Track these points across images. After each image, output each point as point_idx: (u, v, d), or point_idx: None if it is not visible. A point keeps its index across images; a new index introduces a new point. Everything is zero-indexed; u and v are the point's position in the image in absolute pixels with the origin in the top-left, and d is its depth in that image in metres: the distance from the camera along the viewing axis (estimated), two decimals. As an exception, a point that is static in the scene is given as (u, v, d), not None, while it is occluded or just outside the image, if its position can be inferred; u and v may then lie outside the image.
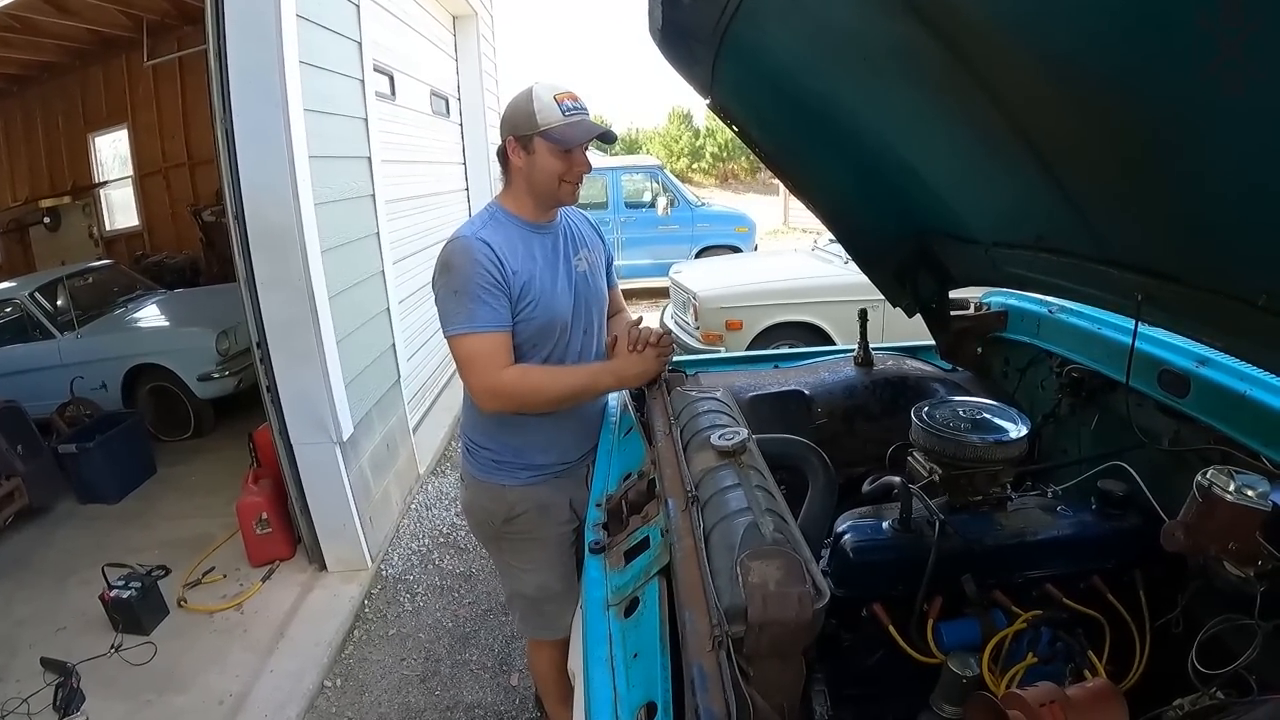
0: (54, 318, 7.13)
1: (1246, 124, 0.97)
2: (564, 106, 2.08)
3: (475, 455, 2.42)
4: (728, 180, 28.20)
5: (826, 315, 6.50)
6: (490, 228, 2.16)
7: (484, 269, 2.06)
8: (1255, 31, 0.79)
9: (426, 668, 3.72)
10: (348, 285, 4.43)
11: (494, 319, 2.08)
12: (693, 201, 12.98)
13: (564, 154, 2.12)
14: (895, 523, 1.70)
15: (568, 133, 2.08)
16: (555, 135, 2.08)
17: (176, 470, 6.42)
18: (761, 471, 1.61)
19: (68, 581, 4.69)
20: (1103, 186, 1.47)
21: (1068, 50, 1.10)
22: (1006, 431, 1.82)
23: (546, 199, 2.23)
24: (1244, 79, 0.88)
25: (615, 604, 1.54)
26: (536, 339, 2.22)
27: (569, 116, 2.08)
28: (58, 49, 10.53)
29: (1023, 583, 1.71)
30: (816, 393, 2.58)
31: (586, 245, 2.41)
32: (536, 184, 2.18)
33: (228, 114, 3.66)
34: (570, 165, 2.15)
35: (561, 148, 2.10)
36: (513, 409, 2.21)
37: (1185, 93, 1.00)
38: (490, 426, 2.36)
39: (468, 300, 2.05)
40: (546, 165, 2.13)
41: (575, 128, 2.09)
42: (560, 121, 2.08)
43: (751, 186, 26.71)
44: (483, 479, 2.41)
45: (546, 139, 2.09)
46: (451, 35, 8.01)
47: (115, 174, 12.35)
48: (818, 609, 1.16)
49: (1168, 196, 1.32)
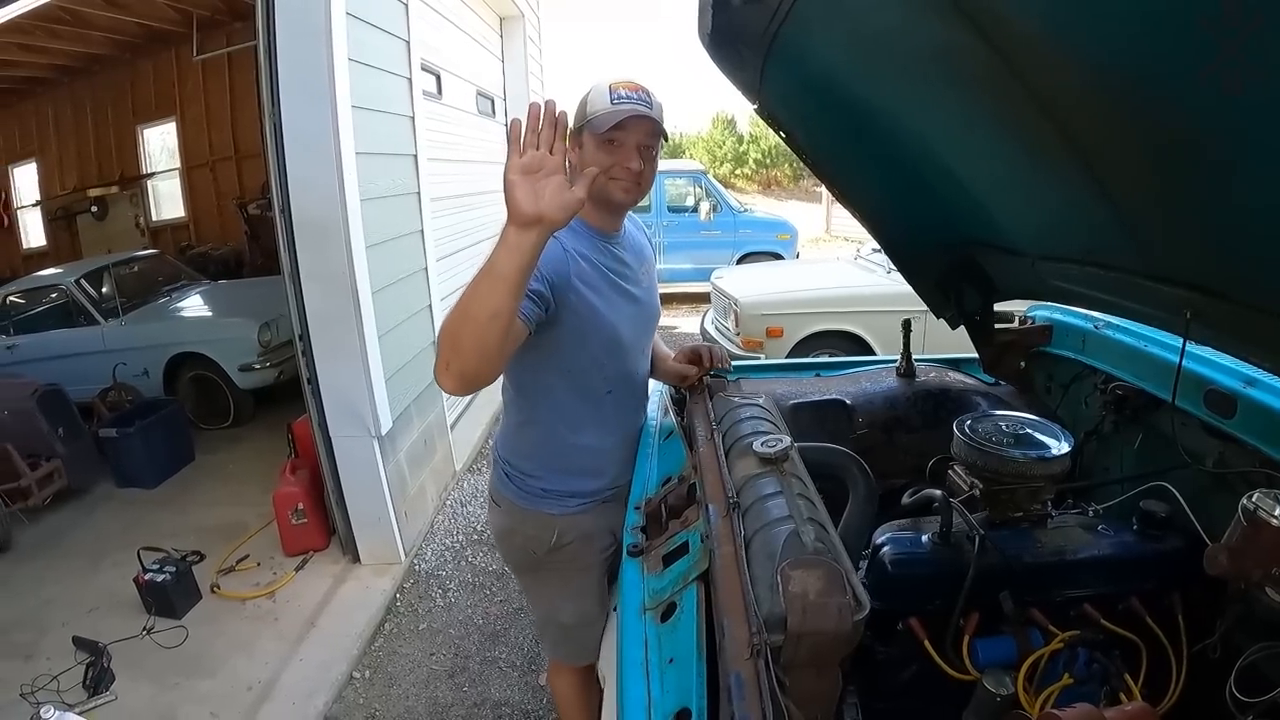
0: (99, 304, 7.26)
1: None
2: (615, 95, 1.87)
3: (519, 483, 2.21)
4: (770, 187, 28.03)
5: (867, 325, 6.46)
6: (567, 233, 1.85)
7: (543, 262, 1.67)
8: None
9: (455, 663, 3.74)
10: (391, 281, 4.47)
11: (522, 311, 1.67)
12: (735, 207, 12.93)
13: (608, 145, 1.89)
14: (935, 536, 1.69)
15: (605, 116, 1.86)
16: (596, 123, 1.87)
17: (215, 458, 6.51)
18: (803, 480, 1.61)
19: (102, 563, 4.78)
20: (1153, 199, 1.45)
21: (1119, 60, 1.09)
22: (1049, 448, 1.81)
23: (599, 199, 1.95)
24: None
25: (652, 608, 1.53)
26: (596, 354, 2.02)
27: (616, 105, 1.86)
28: (106, 41, 10.71)
29: (1061, 602, 1.69)
30: (858, 402, 2.56)
31: (647, 258, 2.25)
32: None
33: (276, 109, 3.70)
34: (614, 158, 1.90)
35: (604, 137, 1.88)
36: (453, 368, 1.62)
37: (1240, 105, 0.99)
38: (539, 453, 2.18)
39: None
40: (591, 160, 1.88)
41: (613, 111, 1.86)
42: (605, 109, 1.86)
43: (794, 193, 26.56)
44: (528, 508, 2.20)
45: (590, 129, 1.89)
46: (498, 36, 8.06)
47: (163, 166, 12.54)
48: (857, 620, 1.15)
49: (1219, 211, 1.30)
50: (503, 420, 2.31)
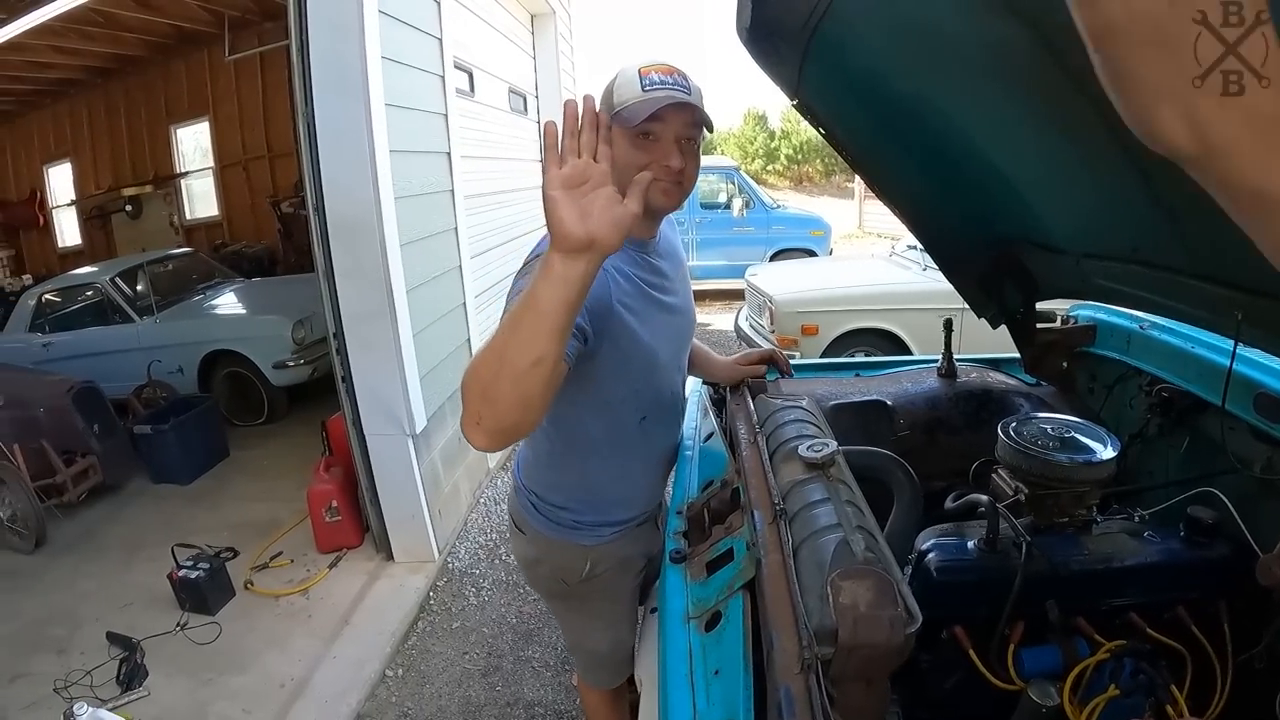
0: (134, 302, 7.36)
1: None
2: (647, 80, 1.62)
3: (548, 515, 2.03)
4: (802, 183, 27.95)
5: (904, 322, 6.40)
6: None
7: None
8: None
9: (489, 662, 3.74)
10: (425, 279, 4.48)
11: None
12: (768, 204, 12.85)
13: (642, 140, 1.64)
14: (981, 543, 1.65)
15: (638, 106, 1.60)
16: (627, 114, 1.61)
17: (249, 454, 6.58)
18: (850, 485, 1.58)
19: (136, 558, 4.84)
20: (1205, 198, 1.40)
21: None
22: (1095, 452, 1.76)
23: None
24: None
25: (696, 617, 1.51)
26: (633, 376, 1.82)
27: (649, 91, 1.61)
28: (139, 43, 10.84)
29: (1106, 610, 1.66)
30: (899, 403, 2.53)
31: (682, 261, 2.04)
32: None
33: (309, 108, 3.71)
34: (651, 155, 1.64)
35: (637, 131, 1.63)
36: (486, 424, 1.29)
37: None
38: (568, 485, 2.00)
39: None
40: (624, 157, 1.60)
41: (649, 103, 1.60)
42: (637, 98, 1.61)
43: (826, 189, 26.47)
44: (558, 538, 2.02)
45: (619, 122, 1.62)
46: (530, 34, 8.05)
47: (196, 165, 12.67)
48: (909, 634, 1.13)
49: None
50: (524, 444, 2.09)
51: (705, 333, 10.10)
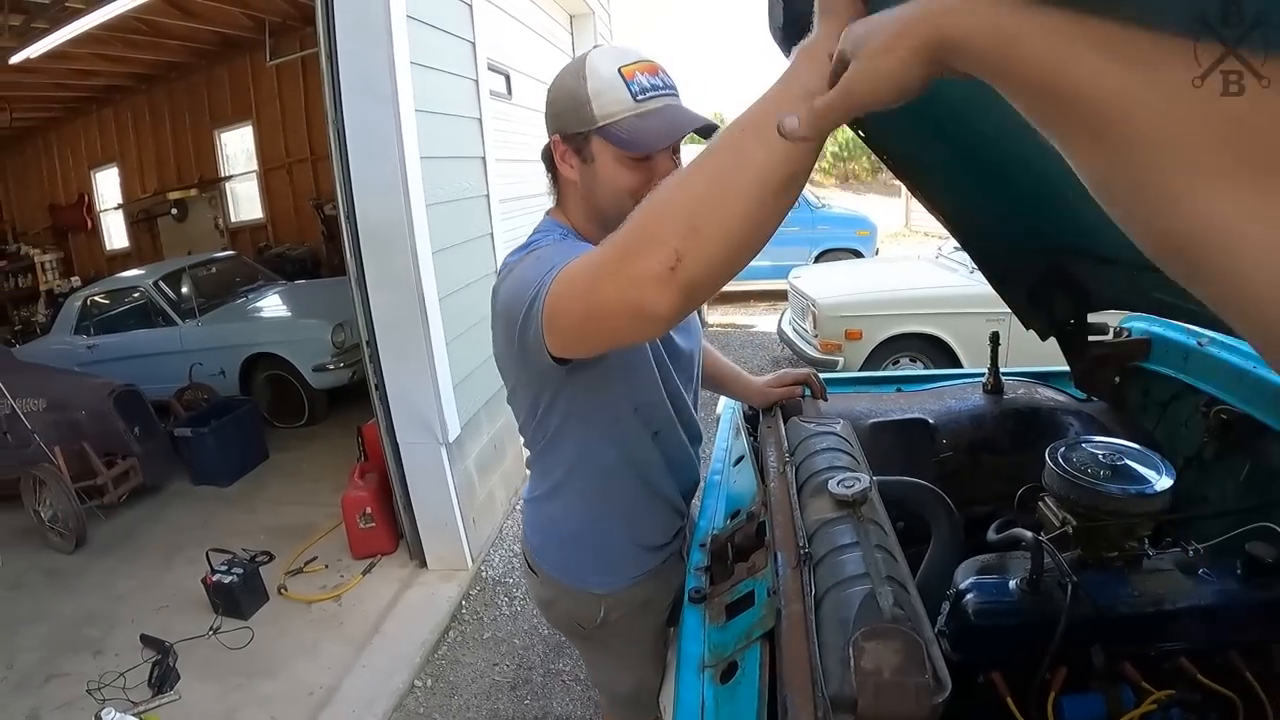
0: (177, 305, 7.45)
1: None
2: (635, 86, 1.38)
3: (556, 555, 1.88)
4: (848, 180, 27.63)
5: (949, 327, 6.23)
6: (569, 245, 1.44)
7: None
8: None
9: (518, 675, 3.69)
10: (459, 286, 4.44)
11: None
12: (813, 203, 12.66)
13: (637, 161, 1.42)
14: (1023, 583, 1.55)
15: (641, 129, 1.38)
16: (621, 134, 1.38)
17: (288, 456, 6.64)
18: (883, 526, 1.48)
19: (173, 560, 4.89)
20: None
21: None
22: (1150, 482, 1.65)
23: (609, 221, 1.31)
24: None
25: (712, 665, 1.44)
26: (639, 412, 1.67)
27: (643, 101, 1.38)
28: (182, 49, 10.97)
29: (1155, 655, 1.55)
30: (942, 422, 2.42)
31: None
32: (601, 206, 1.49)
33: (339, 115, 3.70)
34: (650, 177, 1.41)
35: (631, 154, 1.40)
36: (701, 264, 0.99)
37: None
38: (576, 524, 1.81)
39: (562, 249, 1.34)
40: (613, 179, 1.43)
41: (653, 119, 1.39)
42: (629, 110, 1.38)
43: (872, 187, 26.12)
44: (568, 584, 1.86)
45: (609, 139, 1.40)
46: (569, 34, 8.01)
47: (240, 168, 12.81)
48: (936, 704, 1.03)
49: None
50: (531, 483, 1.92)
51: (748, 335, 10.03)
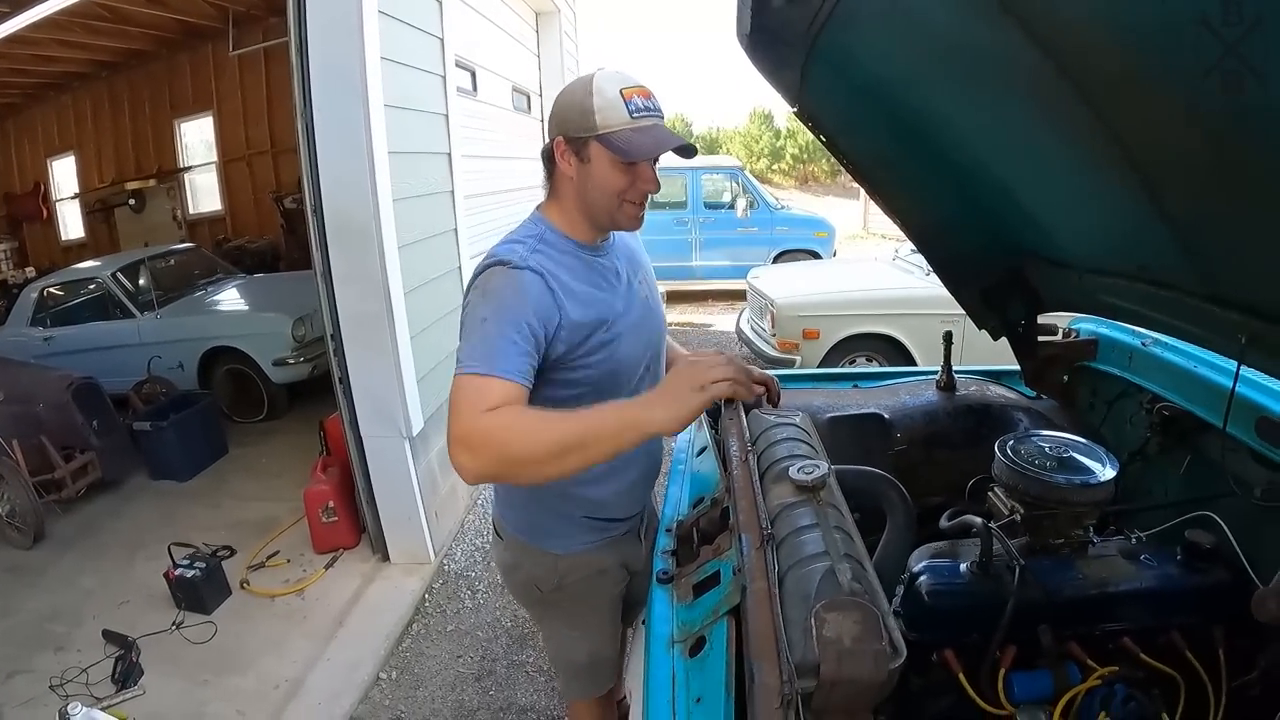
0: (135, 297, 7.36)
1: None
2: (632, 106, 1.66)
3: (520, 515, 2.03)
4: (807, 182, 27.84)
5: (906, 328, 6.38)
6: (542, 254, 1.74)
7: (529, 311, 1.64)
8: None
9: (482, 666, 3.72)
10: (424, 281, 4.47)
11: (519, 371, 1.58)
12: (772, 204, 12.78)
13: (628, 167, 1.70)
14: (974, 566, 1.63)
15: (635, 141, 1.66)
16: (618, 142, 1.66)
17: (248, 451, 6.57)
18: (840, 510, 1.56)
19: (135, 556, 4.84)
20: (1215, 220, 1.39)
21: (1191, 77, 1.04)
22: (1094, 473, 1.74)
23: (602, 219, 1.79)
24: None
25: (681, 641, 1.50)
26: (604, 384, 1.79)
27: (638, 119, 1.67)
28: (145, 37, 10.85)
29: (1099, 635, 1.64)
30: (896, 417, 2.51)
31: (640, 262, 2.02)
32: (590, 201, 1.77)
33: (308, 108, 3.71)
34: (634, 181, 1.73)
35: (625, 160, 1.69)
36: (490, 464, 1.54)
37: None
38: (538, 491, 1.95)
39: (500, 334, 1.61)
40: (605, 179, 1.71)
41: (645, 135, 1.67)
42: (626, 124, 1.66)
43: (831, 189, 26.34)
44: (531, 545, 2.02)
45: (607, 145, 1.67)
46: (534, 31, 8.03)
47: (200, 159, 12.68)
48: (892, 669, 1.11)
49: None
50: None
51: (705, 334, 10.12)
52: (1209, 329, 1.71)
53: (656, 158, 1.74)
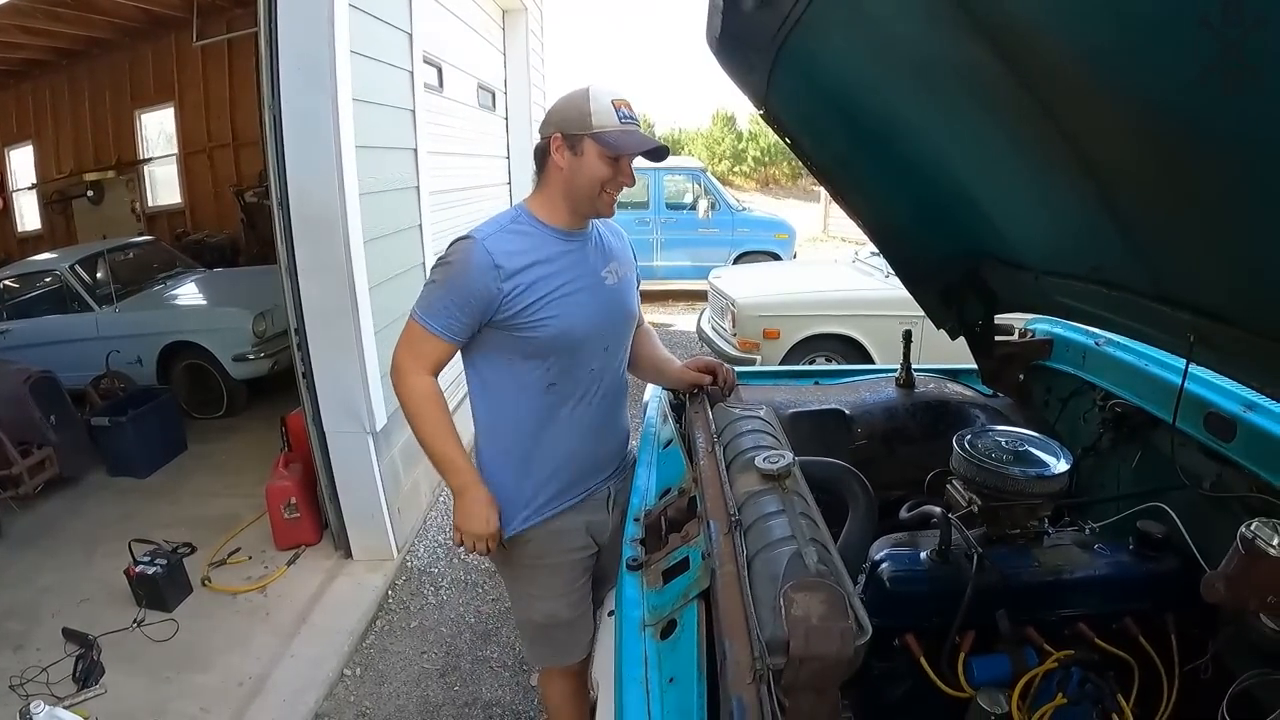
0: (93, 291, 7.23)
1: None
2: (621, 113, 1.97)
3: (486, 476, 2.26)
4: (769, 185, 28.02)
5: (865, 329, 6.45)
6: (505, 235, 2.06)
7: (475, 280, 1.99)
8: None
9: (446, 662, 3.73)
10: (389, 276, 4.45)
11: (448, 329, 2.02)
12: (734, 206, 12.88)
13: (613, 161, 1.99)
14: (933, 554, 1.68)
15: (623, 139, 1.96)
16: (610, 139, 1.95)
17: (207, 448, 6.49)
18: (805, 497, 1.60)
19: (94, 553, 4.75)
20: (1166, 223, 1.44)
21: (1147, 89, 1.08)
22: (1048, 466, 1.80)
23: (584, 206, 2.08)
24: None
25: (652, 624, 1.53)
26: (546, 349, 2.08)
27: (625, 124, 1.97)
28: (108, 25, 10.65)
29: (1055, 620, 1.69)
30: (857, 413, 2.56)
31: (616, 258, 2.26)
32: (577, 189, 2.04)
33: (276, 100, 3.68)
34: (616, 174, 2.02)
35: (612, 154, 1.98)
36: (398, 400, 2.18)
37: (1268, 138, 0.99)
38: (501, 458, 2.25)
39: (441, 298, 2.00)
40: (593, 170, 1.99)
41: (630, 136, 1.98)
42: (616, 127, 1.96)
43: (792, 192, 26.53)
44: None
45: (599, 142, 1.96)
46: (500, 29, 8.01)
47: (160, 151, 12.47)
48: (859, 645, 1.15)
49: (1233, 238, 1.30)
50: (475, 423, 2.37)
51: (666, 333, 10.13)
52: (1159, 328, 1.77)
53: (630, 157, 2.03)
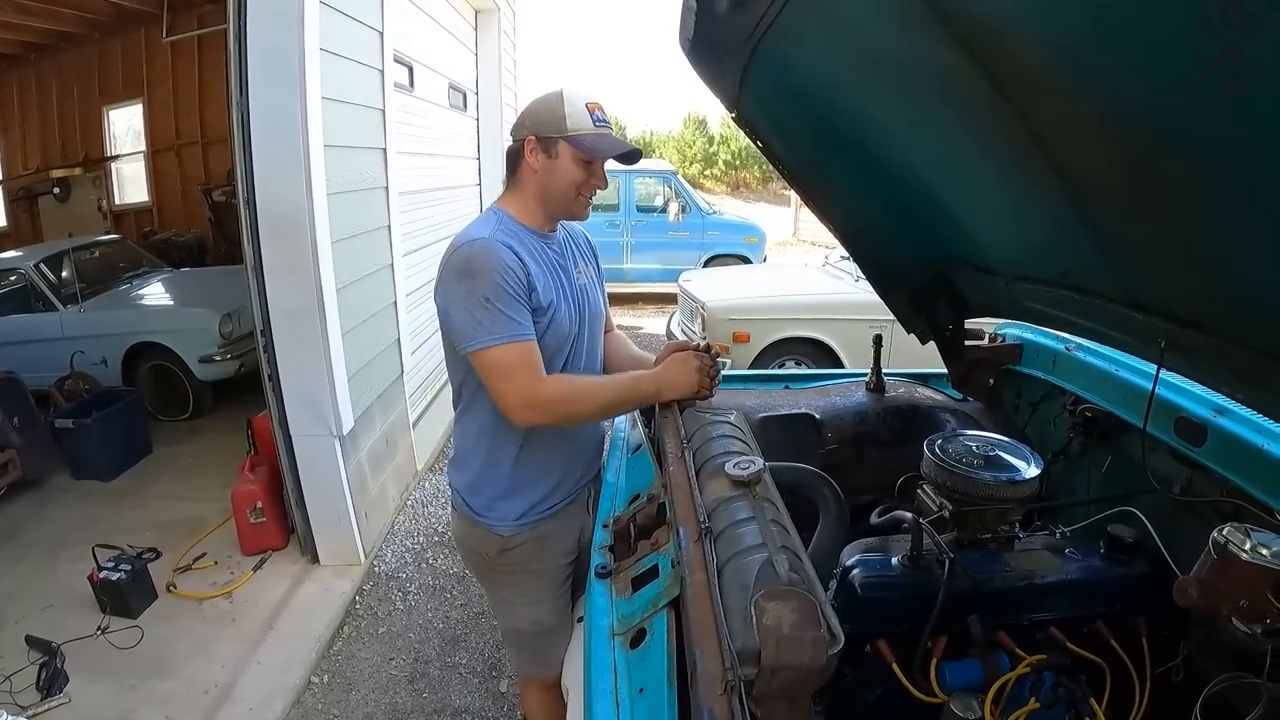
0: (58, 290, 7.12)
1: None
2: (595, 116, 1.98)
3: (466, 493, 2.25)
4: (739, 188, 28.16)
5: (835, 333, 6.50)
6: (503, 232, 2.00)
7: (515, 274, 1.91)
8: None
9: (415, 668, 3.69)
10: (356, 277, 4.41)
11: (528, 327, 1.93)
12: (704, 209, 12.94)
13: (586, 164, 2.01)
14: (904, 559, 1.67)
15: (598, 143, 1.98)
16: (585, 142, 1.97)
17: (173, 450, 6.40)
18: (776, 504, 1.59)
19: (58, 558, 4.66)
20: (1136, 229, 1.45)
21: (1120, 94, 1.08)
22: (1019, 470, 1.80)
23: (557, 208, 2.08)
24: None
25: (621, 633, 1.51)
26: (550, 355, 2.04)
27: (599, 127, 1.99)
28: (77, 19, 10.51)
29: (1027, 625, 1.69)
30: (827, 417, 2.55)
31: (583, 257, 2.29)
32: (552, 190, 2.04)
33: (244, 98, 3.63)
34: (589, 177, 2.03)
35: (586, 157, 1.99)
36: (552, 421, 2.01)
37: (1238, 145, 0.99)
38: (491, 460, 2.18)
39: (502, 306, 1.88)
40: (567, 172, 2.00)
41: (604, 139, 1.99)
42: (590, 130, 1.97)
43: (763, 196, 26.69)
44: (474, 519, 2.22)
45: (574, 144, 1.97)
46: (473, 29, 7.97)
47: (128, 148, 12.32)
48: (832, 654, 1.14)
49: (1204, 246, 1.30)
50: (457, 428, 2.30)
51: (635, 336, 10.12)
52: (1130, 334, 1.77)
53: (604, 161, 2.05)
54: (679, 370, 2.14)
